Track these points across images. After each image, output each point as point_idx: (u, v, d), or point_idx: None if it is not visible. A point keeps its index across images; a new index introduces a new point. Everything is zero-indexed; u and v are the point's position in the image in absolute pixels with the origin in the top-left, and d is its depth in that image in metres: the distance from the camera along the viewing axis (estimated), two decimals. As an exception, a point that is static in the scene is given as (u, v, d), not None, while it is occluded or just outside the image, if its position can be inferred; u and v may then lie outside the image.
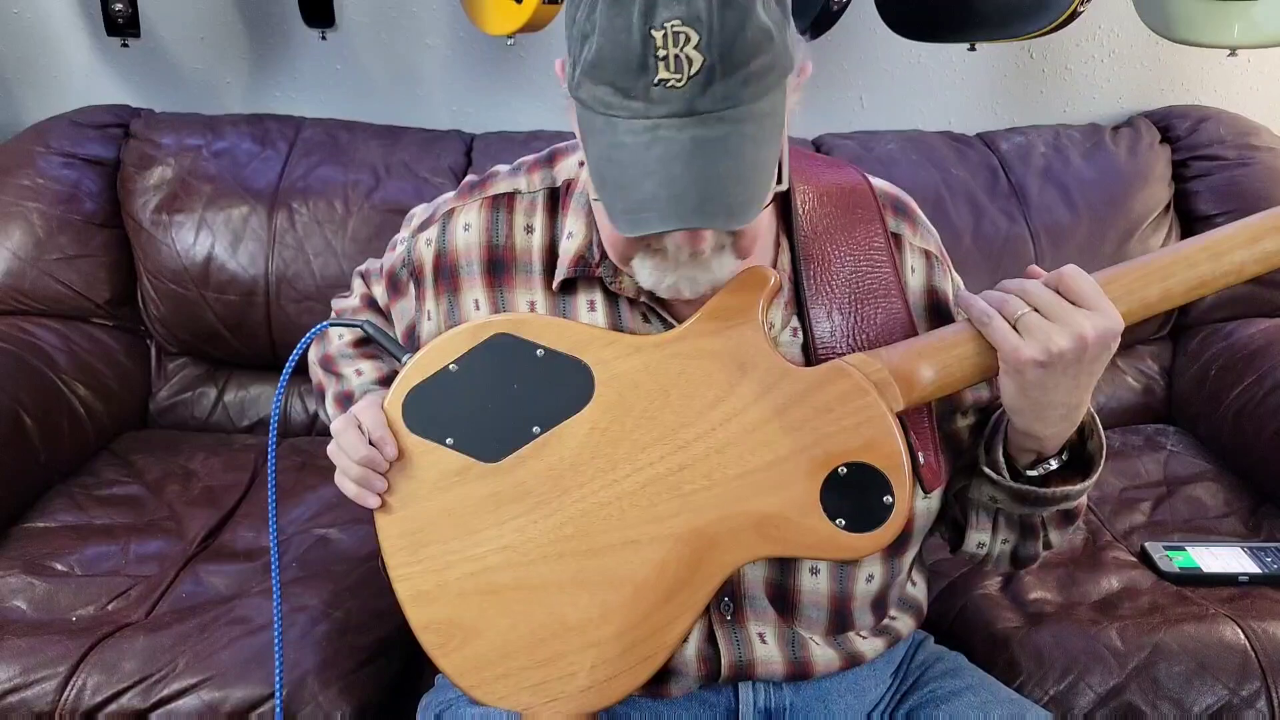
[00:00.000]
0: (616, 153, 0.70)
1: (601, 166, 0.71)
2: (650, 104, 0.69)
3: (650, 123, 0.69)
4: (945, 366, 0.79)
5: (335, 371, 1.06)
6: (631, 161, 0.69)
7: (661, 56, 0.67)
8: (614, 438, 0.81)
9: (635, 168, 0.69)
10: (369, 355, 1.05)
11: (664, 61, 0.67)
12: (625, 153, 0.70)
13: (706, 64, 0.67)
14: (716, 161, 0.68)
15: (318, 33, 1.81)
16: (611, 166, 0.71)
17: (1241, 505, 1.44)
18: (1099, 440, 0.85)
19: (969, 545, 0.93)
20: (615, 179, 0.71)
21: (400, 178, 1.70)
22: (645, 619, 0.81)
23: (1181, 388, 1.70)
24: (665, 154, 0.69)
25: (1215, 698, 1.10)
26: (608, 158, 0.71)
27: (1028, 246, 1.66)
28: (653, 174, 0.69)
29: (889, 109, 1.90)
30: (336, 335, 1.08)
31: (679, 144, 0.68)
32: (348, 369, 1.05)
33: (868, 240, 0.89)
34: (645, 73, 0.68)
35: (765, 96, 0.70)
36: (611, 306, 0.88)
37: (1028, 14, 1.52)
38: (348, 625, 1.18)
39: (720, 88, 0.68)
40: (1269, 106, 1.84)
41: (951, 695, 0.92)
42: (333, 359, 1.07)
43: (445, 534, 0.83)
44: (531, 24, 1.56)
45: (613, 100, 0.70)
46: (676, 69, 0.67)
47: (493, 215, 0.92)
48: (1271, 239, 0.76)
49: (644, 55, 0.67)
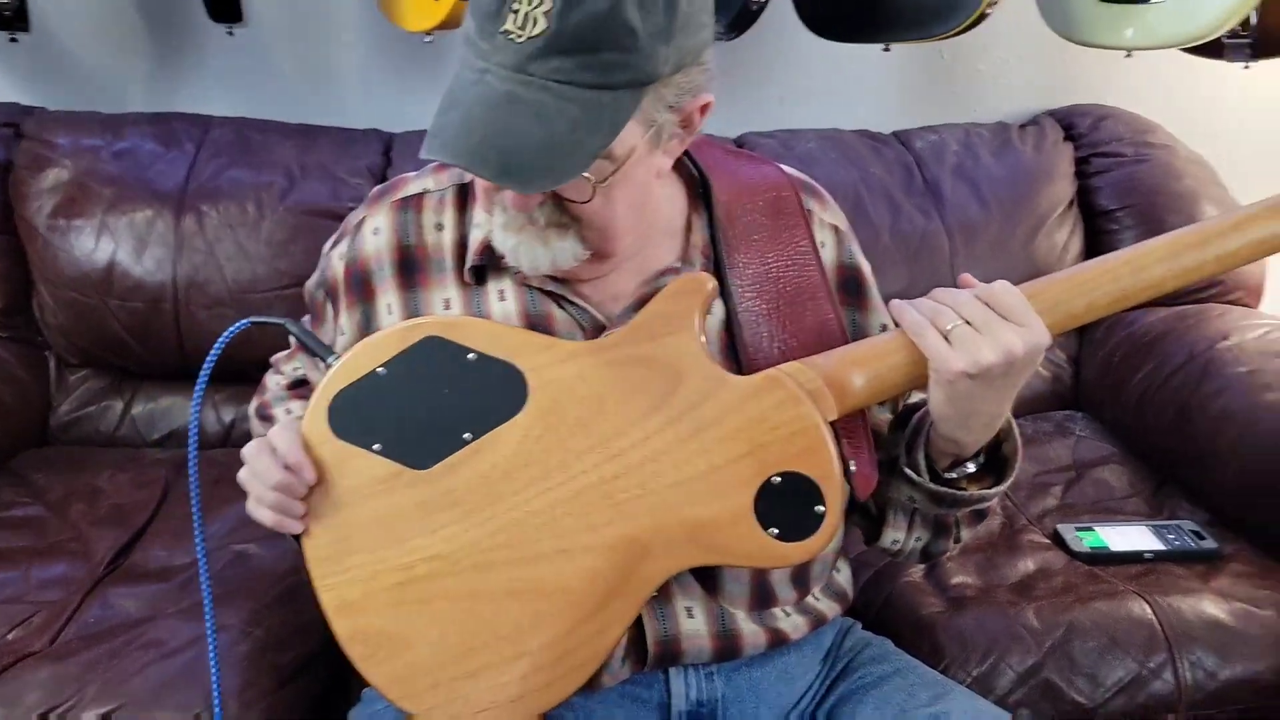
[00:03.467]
0: (453, 83, 0.75)
1: (444, 93, 0.76)
2: (492, 49, 0.73)
3: (484, 65, 0.74)
4: (877, 375, 0.79)
5: (269, 416, 1.03)
6: (456, 93, 0.74)
7: (515, 9, 0.71)
8: (547, 445, 0.80)
9: (453, 99, 0.74)
10: (302, 396, 1.03)
11: (514, 15, 0.72)
12: (457, 85, 0.75)
13: (550, 31, 0.71)
14: (518, 121, 0.72)
15: (224, 28, 1.75)
16: (445, 94, 0.76)
17: (1145, 486, 1.50)
18: (1014, 444, 0.87)
19: (884, 541, 0.95)
20: (441, 105, 0.75)
21: (316, 179, 1.66)
22: (577, 628, 0.80)
23: (1088, 375, 1.77)
24: (478, 96, 0.73)
25: (1126, 671, 1.14)
26: (449, 87, 0.76)
27: (943, 243, 1.70)
28: (460, 107, 0.73)
29: (808, 108, 1.92)
30: (274, 384, 1.05)
31: (494, 92, 0.73)
32: (279, 410, 1.03)
33: (794, 243, 0.90)
34: (498, 19, 0.72)
35: (609, 90, 0.73)
36: (523, 294, 0.88)
37: (938, 15, 1.56)
38: (269, 643, 1.15)
39: (556, 60, 0.72)
40: (1163, 105, 1.92)
41: (879, 680, 0.94)
42: (268, 404, 1.04)
43: (373, 542, 0.81)
44: (450, 20, 1.54)
45: (473, 36, 0.75)
46: (521, 25, 0.71)
47: (401, 216, 0.91)
48: (1190, 254, 0.79)
49: (502, 3, 0.72)
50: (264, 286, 1.61)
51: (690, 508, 0.78)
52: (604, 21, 0.71)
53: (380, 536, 0.81)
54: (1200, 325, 1.62)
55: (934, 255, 1.69)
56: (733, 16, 1.62)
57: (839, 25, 1.67)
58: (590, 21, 0.71)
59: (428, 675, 0.81)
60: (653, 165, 0.82)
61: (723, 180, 0.91)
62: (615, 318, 0.88)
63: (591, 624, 0.80)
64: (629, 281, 0.89)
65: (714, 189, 0.90)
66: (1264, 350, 1.50)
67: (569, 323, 0.88)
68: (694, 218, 0.91)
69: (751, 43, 1.80)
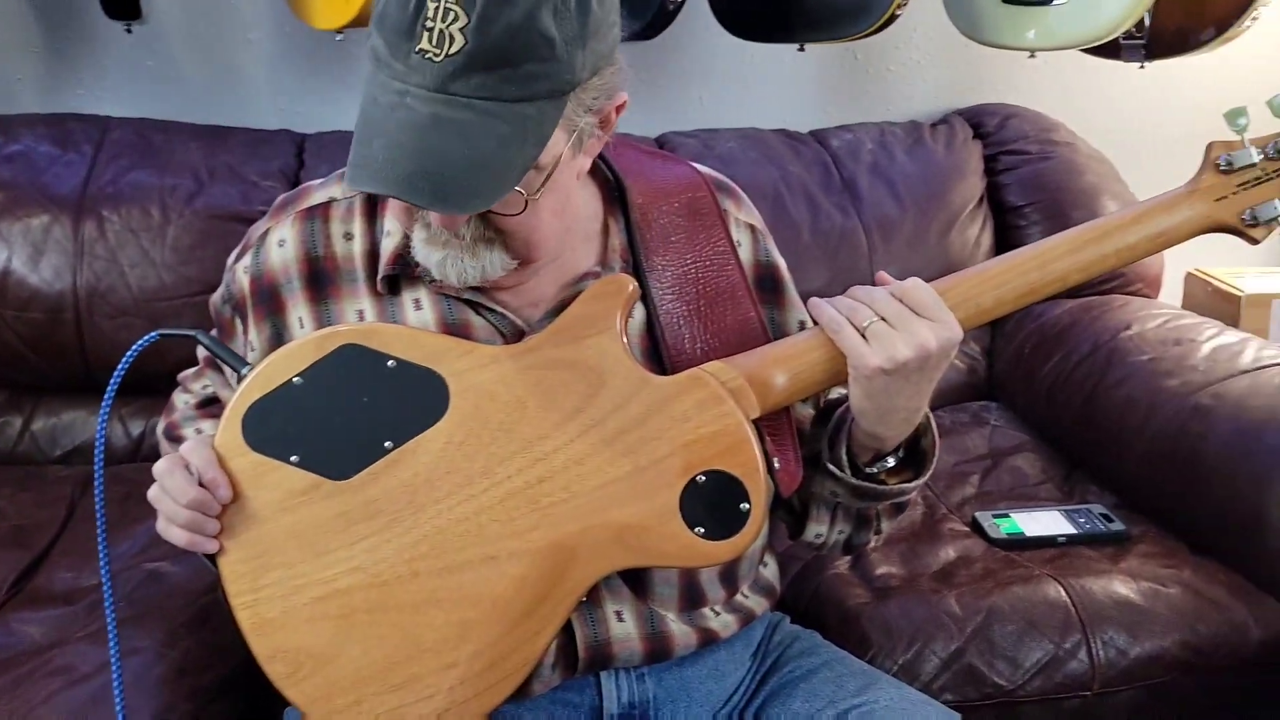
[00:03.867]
0: (369, 107, 0.73)
1: (359, 116, 0.74)
2: (409, 70, 0.71)
3: (402, 87, 0.71)
4: (798, 373, 0.81)
5: (177, 437, 0.99)
6: (376, 118, 0.72)
7: (429, 27, 0.69)
8: (470, 451, 0.79)
9: (374, 125, 0.72)
10: (212, 415, 0.99)
11: (429, 33, 0.70)
12: (375, 109, 0.72)
13: (468, 48, 0.69)
14: (447, 144, 0.71)
15: (122, 26, 1.68)
16: (362, 119, 0.73)
17: (1056, 472, 1.55)
18: (932, 438, 0.89)
19: (807, 535, 0.97)
20: (360, 131, 0.73)
21: (225, 181, 1.61)
22: (505, 636, 0.79)
23: (1001, 366, 1.82)
24: (402, 121, 0.71)
25: (1043, 652, 1.17)
26: (363, 110, 0.73)
27: (861, 239, 1.73)
28: (384, 135, 0.71)
29: (727, 107, 1.94)
30: (181, 403, 1.02)
31: (418, 116, 0.71)
32: (188, 430, 0.99)
33: (711, 243, 0.90)
34: (411, 38, 0.70)
35: (533, 102, 0.72)
36: (439, 302, 0.87)
37: (850, 17, 1.59)
38: (186, 665, 1.11)
39: (478, 77, 0.70)
40: (1064, 104, 1.99)
41: (809, 673, 0.95)
42: (177, 424, 1.01)
43: (291, 557, 0.80)
44: (362, 18, 1.50)
45: (383, 55, 0.72)
46: (437, 44, 0.70)
47: (308, 227, 0.89)
48: (1093, 248, 0.82)
49: (415, 21, 0.70)
50: (172, 294, 1.56)
51: (616, 510, 0.78)
52: (522, 34, 0.70)
53: (299, 551, 0.79)
54: (1104, 316, 1.68)
55: (853, 252, 1.72)
56: (650, 17, 1.63)
57: (754, 25, 1.69)
58: (508, 35, 0.70)
59: (351, 691, 0.80)
60: (574, 168, 0.82)
61: (638, 183, 0.91)
62: (535, 323, 0.87)
63: (520, 631, 0.79)
64: (548, 286, 0.89)
65: (629, 192, 0.90)
66: (1163, 339, 1.56)
67: (488, 330, 0.87)
68: (611, 221, 0.91)
69: (671, 43, 1.81)
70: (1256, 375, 1.39)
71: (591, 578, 0.80)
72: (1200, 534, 1.33)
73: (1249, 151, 0.82)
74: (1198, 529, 1.33)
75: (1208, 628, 1.20)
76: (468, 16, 0.69)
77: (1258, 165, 0.82)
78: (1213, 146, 0.84)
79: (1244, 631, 1.21)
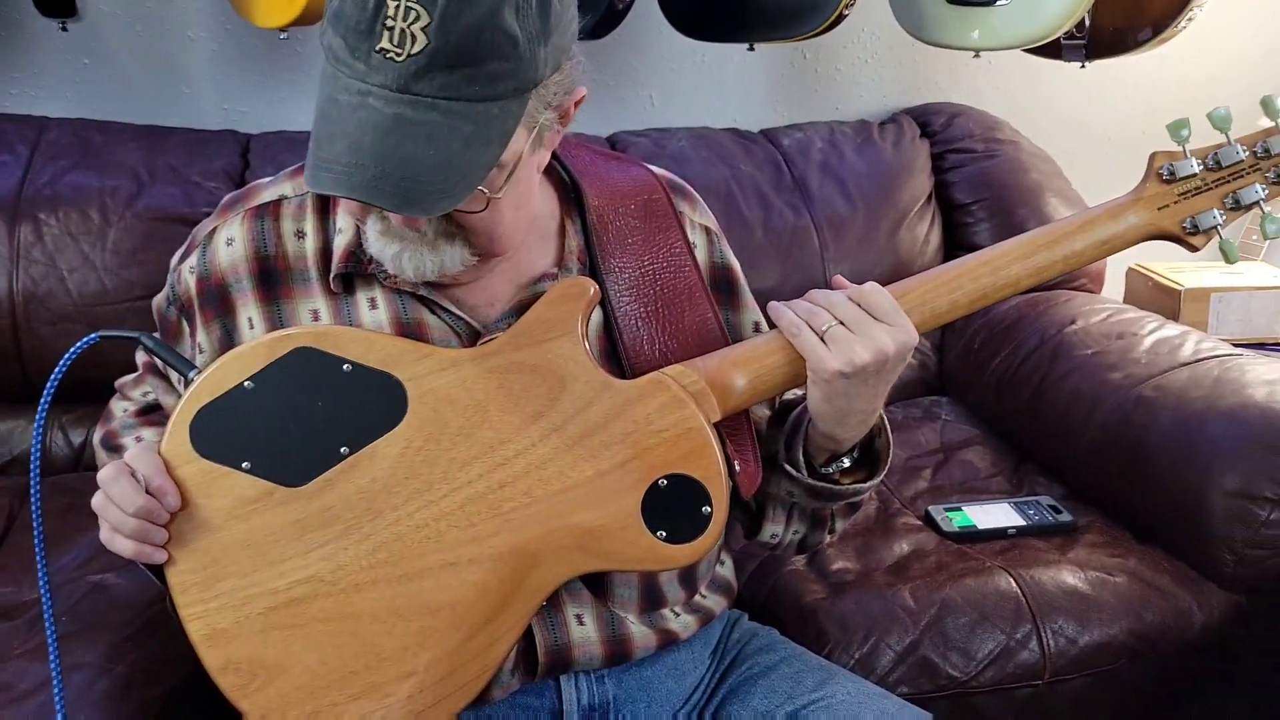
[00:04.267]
0: (328, 106, 0.71)
1: (317, 115, 0.72)
2: (369, 69, 0.70)
3: (363, 87, 0.70)
4: (758, 375, 0.81)
5: (116, 446, 0.97)
6: (336, 118, 0.71)
7: (390, 26, 0.68)
8: (429, 456, 0.78)
9: (335, 126, 0.70)
10: (152, 423, 0.97)
11: (390, 32, 0.68)
12: (335, 108, 0.71)
13: (430, 47, 0.68)
14: (411, 145, 0.70)
15: (57, 23, 1.63)
16: (321, 118, 0.72)
17: (1006, 465, 1.58)
18: (886, 439, 0.90)
19: (763, 535, 0.97)
20: (319, 131, 0.72)
21: (167, 182, 1.57)
22: (466, 643, 0.79)
23: (951, 362, 1.85)
24: (364, 122, 0.70)
25: (995, 643, 1.19)
26: (322, 109, 0.72)
27: (812, 238, 1.75)
28: (346, 137, 0.70)
29: (678, 107, 1.95)
30: (120, 410, 0.99)
31: (381, 116, 0.70)
32: (128, 438, 0.96)
33: (668, 245, 0.90)
34: (371, 37, 0.69)
35: (496, 101, 0.71)
36: (394, 302, 0.86)
37: (799, 16, 1.60)
38: (133, 679, 1.08)
39: (441, 77, 0.69)
40: (1009, 103, 2.03)
41: (767, 670, 0.96)
42: (115, 433, 0.98)
43: (244, 566, 0.78)
44: (306, 16, 1.48)
45: (342, 54, 0.71)
46: (399, 43, 0.68)
47: (258, 225, 0.88)
48: (1042, 254, 0.84)
49: (375, 19, 0.68)
50: (114, 299, 1.52)
51: (578, 514, 0.78)
52: (484, 32, 0.69)
53: (251, 560, 0.78)
54: (1050, 311, 1.71)
55: (805, 250, 1.73)
56: (599, 17, 1.62)
57: (704, 25, 1.69)
58: (471, 34, 0.69)
59: (306, 702, 0.79)
60: (535, 162, 0.82)
61: (594, 185, 0.90)
62: (491, 324, 0.87)
63: (480, 638, 0.79)
64: (505, 286, 0.88)
65: (586, 193, 0.90)
66: (1107, 333, 1.60)
67: (444, 329, 0.86)
68: (567, 222, 0.91)
69: (621, 43, 1.81)
70: (1195, 367, 1.43)
71: (553, 583, 0.80)
72: (1144, 523, 1.36)
73: (1190, 162, 0.85)
74: (1142, 518, 1.36)
75: (1153, 615, 1.23)
76: (429, 15, 0.68)
77: (1198, 175, 0.85)
78: (1155, 156, 0.86)
79: (1188, 617, 1.24)
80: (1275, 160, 0.84)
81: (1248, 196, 0.84)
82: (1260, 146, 0.84)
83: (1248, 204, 0.85)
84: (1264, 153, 0.84)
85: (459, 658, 0.79)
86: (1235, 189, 0.85)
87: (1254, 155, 0.84)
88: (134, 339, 0.81)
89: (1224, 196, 0.85)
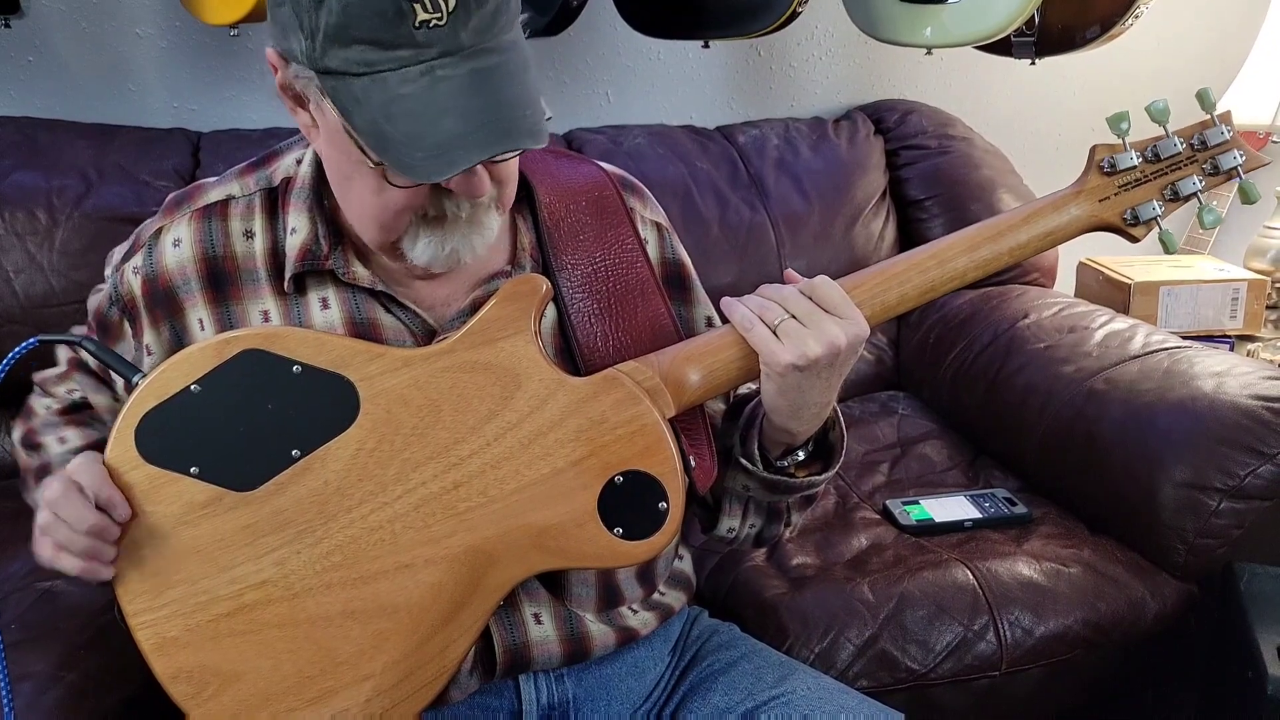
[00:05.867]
0: (396, 106, 0.69)
1: (380, 127, 0.70)
2: (419, 48, 0.69)
3: (424, 66, 0.69)
4: (711, 370, 0.81)
5: (37, 444, 0.95)
6: (419, 109, 0.69)
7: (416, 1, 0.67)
8: (383, 458, 0.77)
9: (426, 112, 0.69)
10: (77, 422, 0.95)
11: (420, 3, 0.67)
12: (408, 102, 0.69)
13: None
14: (502, 88, 0.70)
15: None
16: (395, 121, 0.70)
17: (962, 458, 1.59)
18: (840, 432, 0.91)
19: (720, 530, 0.98)
20: (404, 131, 0.70)
21: (116, 181, 1.54)
22: (423, 645, 0.78)
23: (907, 357, 1.86)
24: (453, 90, 0.69)
25: (953, 635, 1.21)
26: (386, 115, 0.70)
27: (769, 234, 1.76)
28: (448, 111, 0.69)
29: (634, 104, 1.95)
30: (42, 408, 0.97)
31: (461, 79, 0.69)
32: (49, 438, 0.94)
33: (619, 241, 0.90)
34: (403, 18, 0.68)
35: (511, 29, 0.73)
36: (347, 301, 0.85)
37: (753, 14, 1.60)
38: (84, 688, 1.06)
39: (476, 20, 0.70)
40: (961, 99, 2.06)
41: (727, 666, 0.96)
42: (35, 431, 0.95)
43: (193, 573, 0.77)
44: (256, 13, 1.46)
45: (374, 56, 0.69)
46: (434, 8, 0.68)
47: (205, 226, 0.86)
48: (988, 246, 0.85)
49: (397, 1, 0.67)
50: (62, 300, 1.48)
51: (534, 513, 0.77)
52: None
53: (201, 566, 0.77)
54: (1003, 306, 1.73)
55: (761, 246, 1.74)
56: (553, 15, 1.62)
57: (659, 22, 1.69)
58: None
59: (260, 710, 0.78)
60: None
61: (544, 182, 0.90)
62: (446, 323, 0.86)
63: (437, 639, 0.78)
64: (459, 284, 0.87)
65: (536, 190, 0.90)
66: (1058, 326, 1.62)
67: (398, 329, 0.85)
68: (519, 220, 0.91)
69: (577, 41, 1.81)
70: (1145, 360, 1.45)
71: (510, 582, 0.79)
72: (1098, 514, 1.38)
73: (1130, 154, 0.86)
74: (1096, 510, 1.38)
75: (1108, 605, 1.25)
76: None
77: (1138, 167, 0.86)
78: (1096, 149, 0.87)
79: (1141, 607, 1.26)
80: (1211, 152, 0.86)
81: (1185, 188, 0.86)
82: (1197, 139, 0.86)
83: (1185, 195, 0.86)
84: (1200, 145, 0.86)
85: (416, 660, 0.78)
86: (1173, 180, 0.86)
87: (1191, 148, 0.86)
88: (76, 342, 0.79)
89: (1163, 188, 0.86)
